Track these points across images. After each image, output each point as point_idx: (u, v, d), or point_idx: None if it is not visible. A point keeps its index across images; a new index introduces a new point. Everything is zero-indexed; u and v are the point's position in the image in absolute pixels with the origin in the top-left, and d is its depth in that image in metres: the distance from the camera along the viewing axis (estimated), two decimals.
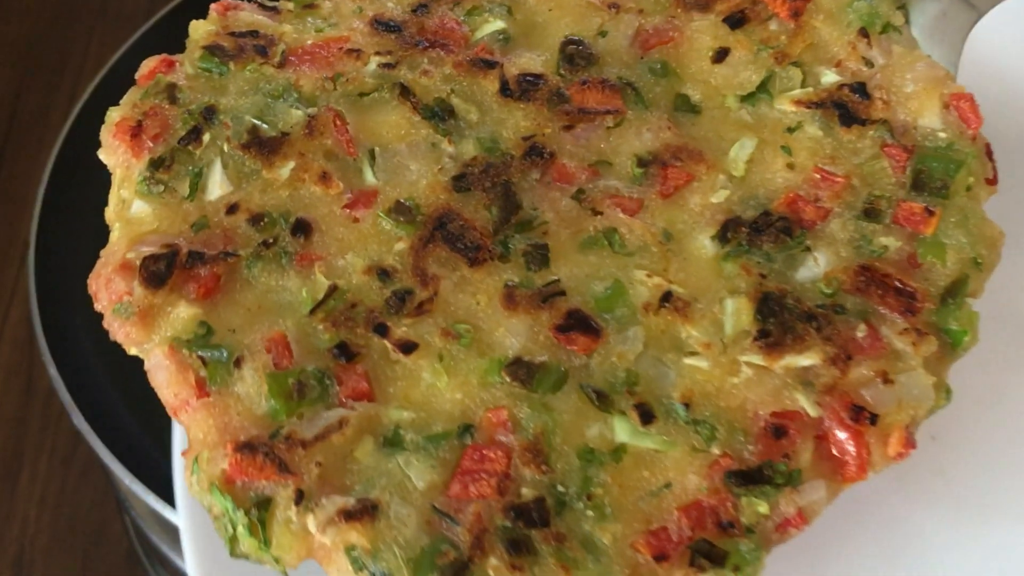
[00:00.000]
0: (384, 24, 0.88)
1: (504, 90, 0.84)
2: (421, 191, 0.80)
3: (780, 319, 0.73)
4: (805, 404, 0.71)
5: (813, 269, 0.76)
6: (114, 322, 0.76)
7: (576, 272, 0.76)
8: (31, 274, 1.81)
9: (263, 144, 0.82)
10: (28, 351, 2.51)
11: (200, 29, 0.89)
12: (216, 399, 0.72)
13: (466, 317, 0.75)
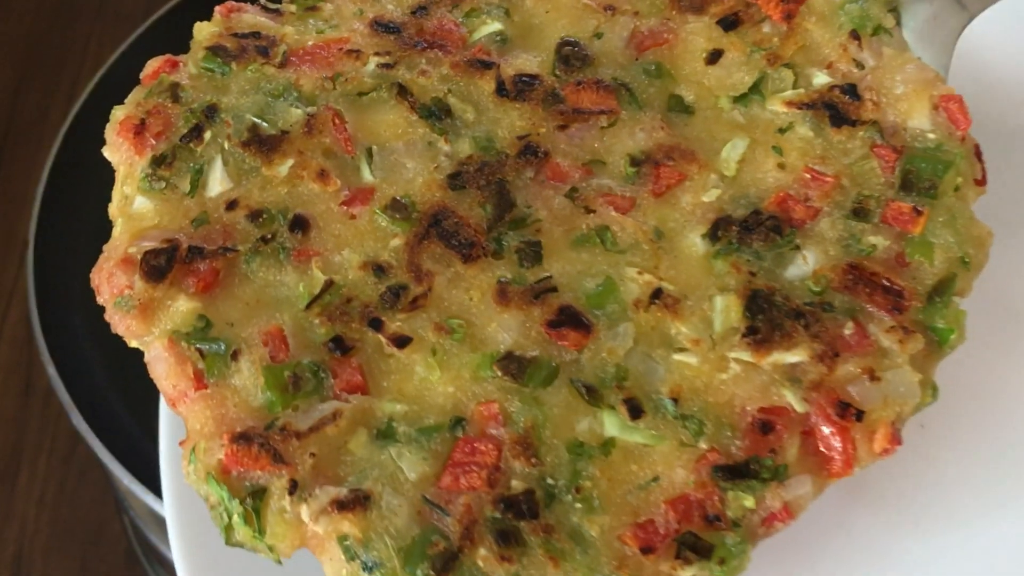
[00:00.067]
0: (384, 26, 0.89)
1: (500, 90, 0.84)
2: (417, 189, 0.80)
3: (769, 316, 0.73)
4: (792, 400, 0.71)
5: (802, 267, 0.76)
6: (115, 315, 0.77)
7: (568, 269, 0.77)
8: (30, 273, 1.81)
9: (263, 142, 0.82)
10: (27, 350, 2.52)
11: (204, 30, 0.89)
12: (213, 391, 0.73)
13: (459, 312, 0.75)
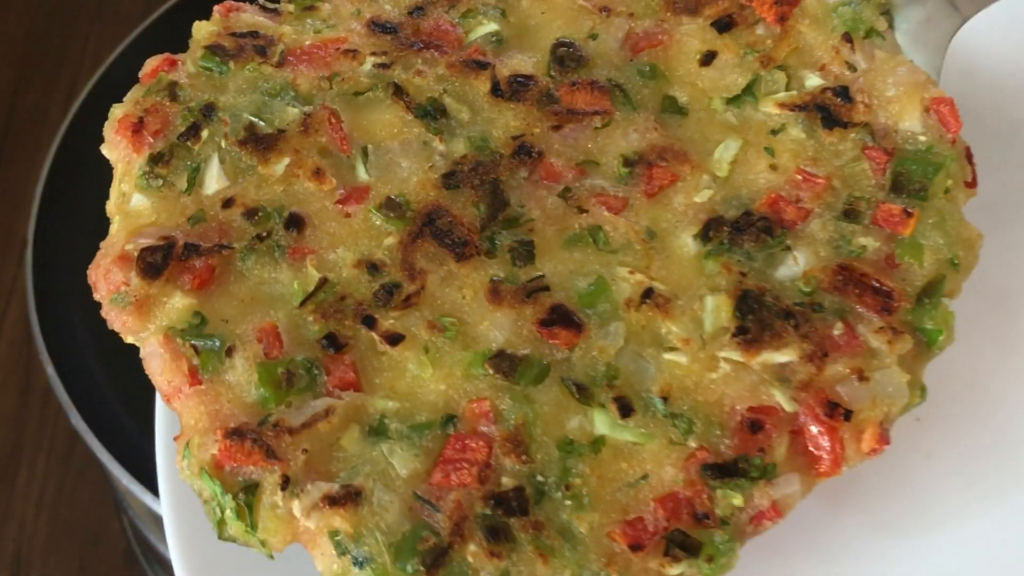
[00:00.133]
0: (381, 26, 0.89)
1: (495, 90, 0.85)
2: (411, 188, 0.81)
3: (759, 316, 0.74)
4: (781, 400, 0.72)
5: (792, 268, 0.76)
6: (112, 311, 0.77)
7: (560, 268, 0.77)
8: (29, 272, 1.81)
9: (259, 140, 0.83)
10: (26, 350, 2.52)
11: (203, 29, 0.90)
12: (208, 387, 0.74)
13: (452, 310, 0.76)
